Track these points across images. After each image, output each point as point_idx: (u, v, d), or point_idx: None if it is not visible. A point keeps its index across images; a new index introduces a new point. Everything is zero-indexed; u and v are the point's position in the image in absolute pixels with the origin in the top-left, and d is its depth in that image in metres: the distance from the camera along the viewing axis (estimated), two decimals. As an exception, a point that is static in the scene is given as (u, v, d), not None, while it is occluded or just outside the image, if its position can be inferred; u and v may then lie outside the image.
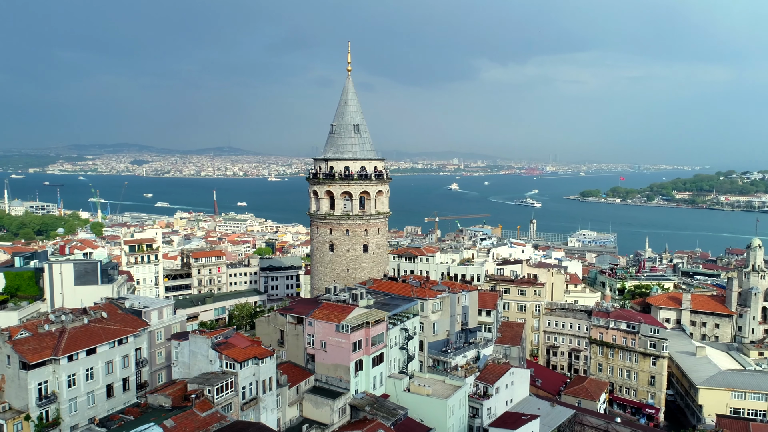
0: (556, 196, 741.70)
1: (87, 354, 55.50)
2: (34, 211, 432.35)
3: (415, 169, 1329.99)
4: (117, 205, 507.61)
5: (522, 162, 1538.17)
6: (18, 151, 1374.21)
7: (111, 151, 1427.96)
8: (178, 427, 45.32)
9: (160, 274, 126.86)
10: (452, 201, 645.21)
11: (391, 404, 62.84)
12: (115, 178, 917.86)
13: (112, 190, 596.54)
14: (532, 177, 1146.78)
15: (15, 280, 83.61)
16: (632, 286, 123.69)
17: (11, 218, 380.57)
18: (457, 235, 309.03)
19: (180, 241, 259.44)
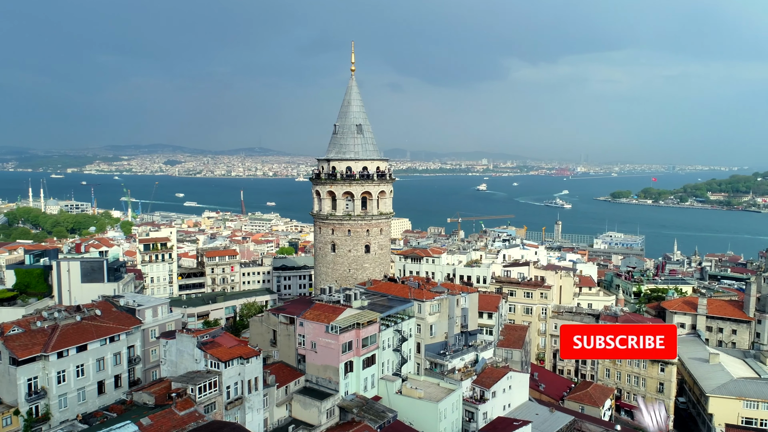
0: (586, 197, 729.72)
1: (77, 351, 56.39)
2: (69, 210, 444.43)
3: (444, 170, 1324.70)
4: (148, 205, 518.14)
5: (552, 162, 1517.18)
6: (57, 151, 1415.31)
7: (145, 151, 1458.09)
8: (154, 426, 45.64)
9: (173, 272, 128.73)
10: (479, 202, 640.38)
11: (381, 407, 62.31)
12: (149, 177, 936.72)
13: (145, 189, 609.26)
14: (562, 178, 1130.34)
15: (25, 278, 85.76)
16: (648, 289, 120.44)
17: (46, 217, 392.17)
18: (480, 236, 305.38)
19: (205, 240, 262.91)
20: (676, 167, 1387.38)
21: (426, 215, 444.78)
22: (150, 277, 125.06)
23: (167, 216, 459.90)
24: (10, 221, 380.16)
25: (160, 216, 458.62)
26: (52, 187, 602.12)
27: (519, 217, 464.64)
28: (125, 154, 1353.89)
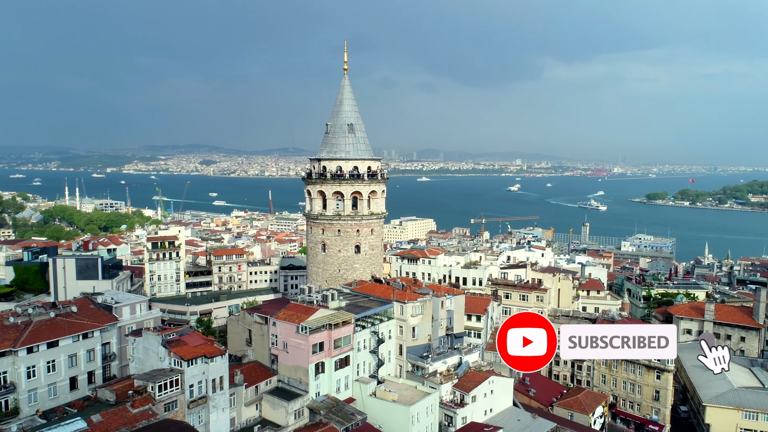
0: (621, 198, 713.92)
1: (48, 347, 57.37)
2: (103, 208, 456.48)
3: (476, 170, 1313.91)
4: (180, 204, 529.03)
5: (588, 163, 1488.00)
6: (98, 151, 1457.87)
7: (182, 151, 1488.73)
8: (104, 422, 45.98)
9: (181, 270, 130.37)
10: (509, 203, 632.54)
11: (351, 409, 61.61)
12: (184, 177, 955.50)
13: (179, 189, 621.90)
14: (598, 179, 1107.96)
15: (23, 274, 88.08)
16: (658, 294, 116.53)
17: (81, 215, 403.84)
18: (505, 237, 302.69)
19: (230, 239, 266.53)
20: (717, 168, 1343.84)
21: (453, 216, 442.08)
22: (157, 275, 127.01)
23: (197, 215, 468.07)
24: (46, 219, 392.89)
25: (191, 215, 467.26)
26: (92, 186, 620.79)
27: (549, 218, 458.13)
28: (162, 154, 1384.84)
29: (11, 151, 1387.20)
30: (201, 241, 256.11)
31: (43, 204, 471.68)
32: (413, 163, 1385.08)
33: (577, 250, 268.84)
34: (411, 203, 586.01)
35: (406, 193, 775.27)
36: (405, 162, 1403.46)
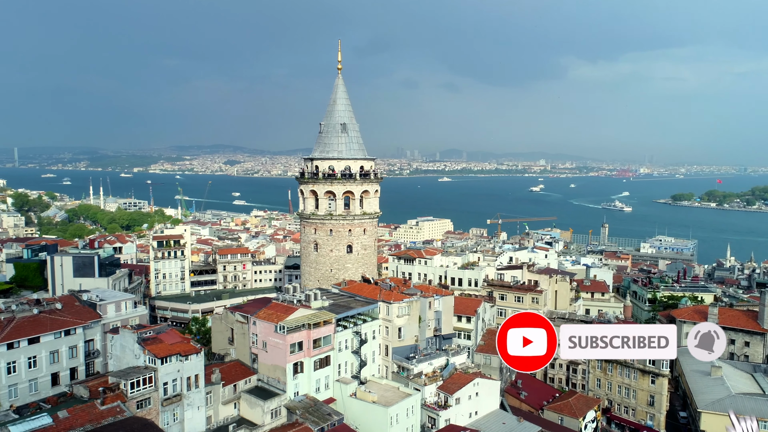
0: (646, 199, 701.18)
1: (29, 343, 58.33)
2: (127, 207, 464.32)
3: (499, 170, 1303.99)
4: (201, 203, 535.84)
5: (614, 163, 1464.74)
6: (126, 151, 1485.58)
7: (208, 151, 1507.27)
8: (70, 419, 46.51)
9: (186, 269, 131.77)
10: (530, 203, 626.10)
11: (328, 409, 61.38)
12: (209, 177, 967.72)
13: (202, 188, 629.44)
14: (623, 179, 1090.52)
15: (22, 271, 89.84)
16: (663, 296, 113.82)
17: (104, 214, 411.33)
18: (522, 238, 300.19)
19: (247, 238, 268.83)
20: (747, 169, 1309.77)
21: (471, 216, 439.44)
22: (162, 273, 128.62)
23: (218, 214, 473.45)
24: (71, 218, 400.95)
25: (212, 214, 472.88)
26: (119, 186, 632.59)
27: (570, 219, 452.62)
28: (188, 154, 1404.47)
29: (42, 152, 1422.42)
30: (218, 240, 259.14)
31: (69, 203, 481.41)
32: (435, 163, 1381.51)
33: (594, 252, 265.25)
34: (430, 203, 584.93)
35: (427, 194, 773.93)
36: (427, 162, 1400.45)
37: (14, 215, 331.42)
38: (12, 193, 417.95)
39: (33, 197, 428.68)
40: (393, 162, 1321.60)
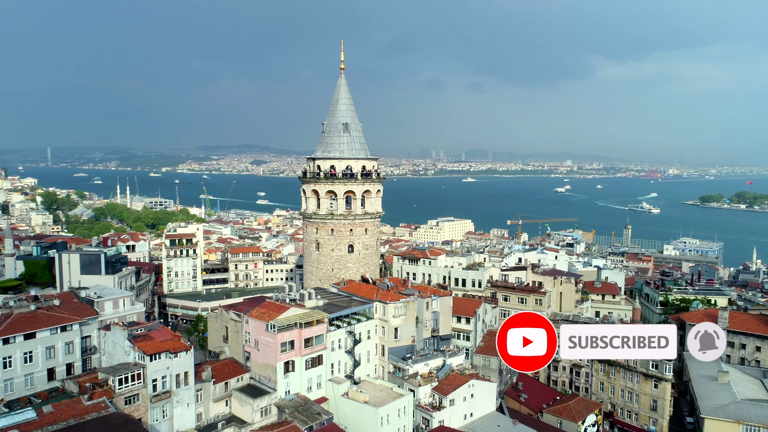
0: (674, 200, 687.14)
1: (25, 338, 59.50)
2: (152, 206, 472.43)
3: (525, 171, 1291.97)
4: (226, 202, 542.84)
5: (642, 164, 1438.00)
6: (155, 151, 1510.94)
7: (234, 151, 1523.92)
8: (54, 413, 47.33)
9: (198, 267, 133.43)
10: (555, 204, 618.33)
11: (318, 408, 61.39)
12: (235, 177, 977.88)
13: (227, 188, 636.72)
14: (650, 180, 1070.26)
15: (32, 268, 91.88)
16: (676, 299, 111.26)
17: (130, 212, 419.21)
18: (543, 239, 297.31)
19: (268, 237, 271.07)
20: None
21: (493, 217, 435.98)
22: (174, 272, 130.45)
23: (241, 213, 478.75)
24: (98, 216, 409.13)
25: (235, 213, 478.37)
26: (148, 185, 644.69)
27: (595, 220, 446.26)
28: (215, 154, 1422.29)
29: (74, 151, 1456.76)
30: (238, 239, 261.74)
31: (98, 201, 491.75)
32: (460, 163, 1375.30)
33: (615, 253, 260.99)
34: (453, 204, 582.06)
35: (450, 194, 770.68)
36: (452, 162, 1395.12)
37: (43, 213, 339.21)
38: (42, 192, 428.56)
39: (61, 196, 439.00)
40: (418, 162, 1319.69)
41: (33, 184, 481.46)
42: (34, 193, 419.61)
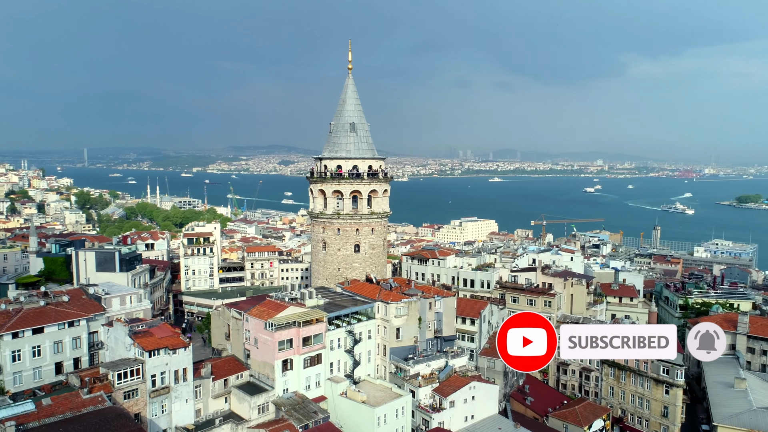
0: (709, 201, 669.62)
1: (34, 333, 61.27)
2: (181, 206, 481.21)
3: (554, 171, 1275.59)
4: (253, 202, 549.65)
5: (677, 164, 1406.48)
6: (186, 152, 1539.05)
7: (263, 152, 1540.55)
8: (53, 405, 48.61)
9: (214, 266, 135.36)
10: (583, 205, 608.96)
11: (314, 407, 61.70)
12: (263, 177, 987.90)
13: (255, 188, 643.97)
14: (684, 180, 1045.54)
15: (51, 265, 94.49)
16: (696, 303, 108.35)
17: (159, 211, 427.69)
18: (568, 239, 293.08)
19: (291, 236, 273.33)
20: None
21: (518, 217, 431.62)
22: (192, 270, 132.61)
23: (267, 213, 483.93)
24: (128, 215, 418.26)
25: (261, 213, 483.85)
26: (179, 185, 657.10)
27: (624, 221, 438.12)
28: (244, 155, 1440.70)
29: (109, 152, 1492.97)
30: (262, 239, 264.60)
31: (130, 201, 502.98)
32: (488, 163, 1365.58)
33: (642, 255, 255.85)
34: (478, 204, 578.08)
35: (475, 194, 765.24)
36: (480, 162, 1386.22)
37: (76, 212, 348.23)
38: (76, 192, 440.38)
39: (94, 196, 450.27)
40: (444, 162, 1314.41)
41: (68, 184, 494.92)
42: (69, 193, 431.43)
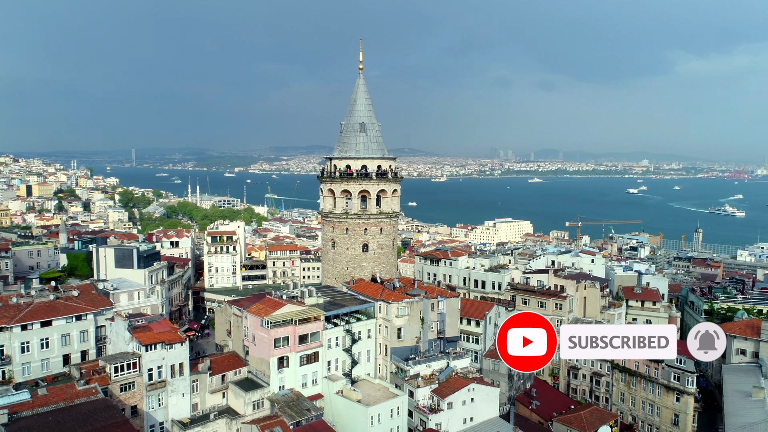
0: (761, 203, 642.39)
1: (42, 325, 63.81)
2: (220, 205, 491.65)
3: (597, 171, 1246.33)
4: (290, 201, 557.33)
5: (727, 164, 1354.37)
6: (229, 152, 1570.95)
7: (304, 152, 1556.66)
8: (48, 396, 50.61)
9: (237, 264, 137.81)
10: (624, 206, 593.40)
11: (308, 405, 62.21)
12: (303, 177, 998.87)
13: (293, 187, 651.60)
14: (735, 181, 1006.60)
15: (73, 261, 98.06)
16: (721, 308, 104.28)
17: (199, 210, 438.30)
18: (605, 242, 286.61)
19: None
20: None
21: (555, 218, 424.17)
22: (215, 267, 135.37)
23: (304, 212, 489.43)
24: (169, 214, 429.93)
25: (298, 212, 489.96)
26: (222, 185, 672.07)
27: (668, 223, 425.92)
28: (285, 155, 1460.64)
29: (156, 152, 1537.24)
30: (295, 238, 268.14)
31: (173, 200, 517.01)
32: (529, 163, 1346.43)
33: (681, 258, 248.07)
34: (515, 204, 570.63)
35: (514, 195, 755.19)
36: (520, 162, 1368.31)
37: (119, 211, 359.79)
38: (120, 191, 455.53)
39: (137, 195, 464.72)
40: (484, 162, 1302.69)
41: (114, 183, 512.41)
42: (113, 192, 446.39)
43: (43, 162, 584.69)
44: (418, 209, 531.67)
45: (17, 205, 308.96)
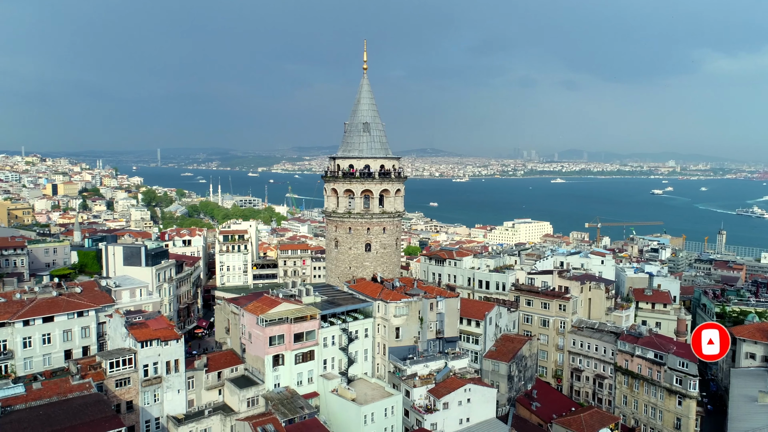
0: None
1: (44, 321, 65.17)
2: (242, 204, 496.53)
3: (622, 172, 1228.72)
4: (311, 201, 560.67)
5: (757, 165, 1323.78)
6: (252, 152, 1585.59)
7: (327, 152, 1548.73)
8: (42, 390, 51.67)
9: (248, 262, 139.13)
10: (648, 207, 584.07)
11: (302, 403, 62.50)
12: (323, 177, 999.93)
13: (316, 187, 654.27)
14: (764, 182, 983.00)
15: (84, 258, 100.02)
16: (733, 311, 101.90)
17: (220, 209, 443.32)
18: (625, 243, 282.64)
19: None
20: None
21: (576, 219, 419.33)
22: (226, 266, 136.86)
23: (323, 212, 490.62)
24: (190, 213, 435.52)
25: (318, 212, 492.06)
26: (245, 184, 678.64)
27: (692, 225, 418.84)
28: (308, 155, 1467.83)
29: (181, 152, 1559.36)
30: (313, 237, 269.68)
31: (195, 199, 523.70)
32: (552, 164, 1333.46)
33: (702, 260, 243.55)
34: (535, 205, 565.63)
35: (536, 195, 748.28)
36: (544, 163, 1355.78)
37: (141, 210, 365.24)
38: (144, 190, 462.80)
39: (160, 194, 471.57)
40: (507, 163, 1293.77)
41: (139, 183, 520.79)
42: (137, 191, 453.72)
43: (69, 161, 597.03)
44: (439, 210, 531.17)
45: (42, 204, 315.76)
